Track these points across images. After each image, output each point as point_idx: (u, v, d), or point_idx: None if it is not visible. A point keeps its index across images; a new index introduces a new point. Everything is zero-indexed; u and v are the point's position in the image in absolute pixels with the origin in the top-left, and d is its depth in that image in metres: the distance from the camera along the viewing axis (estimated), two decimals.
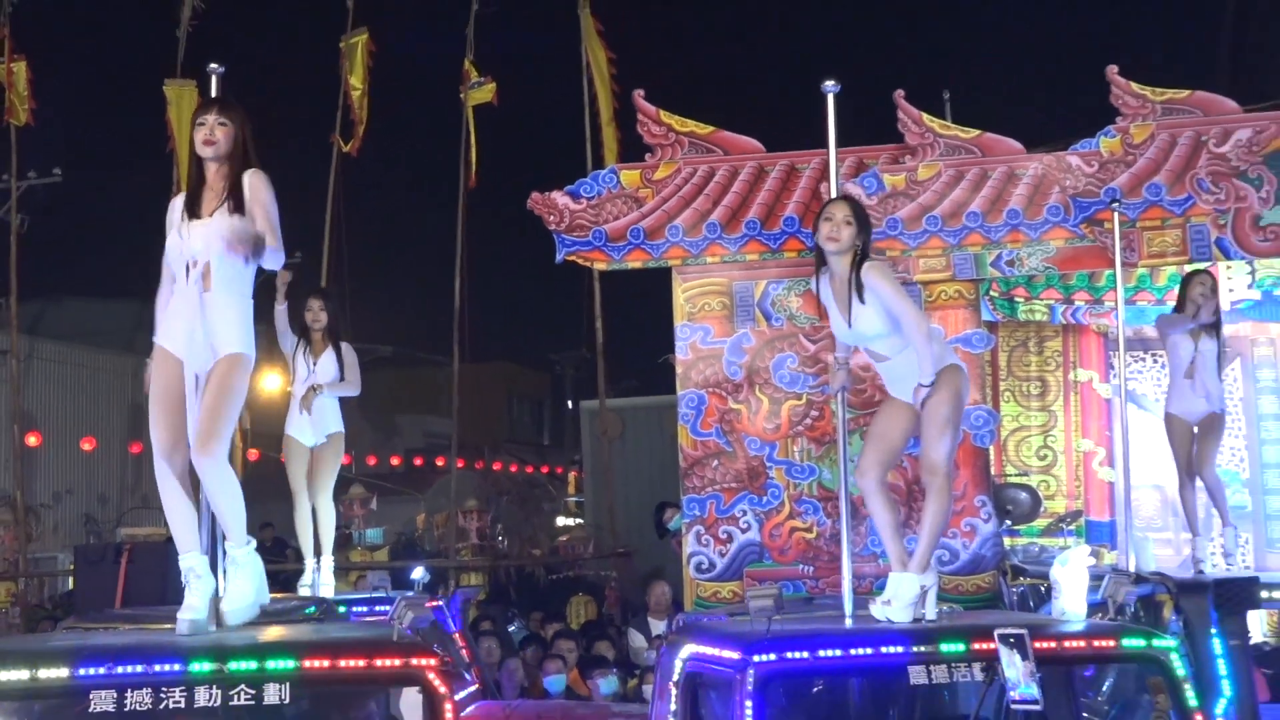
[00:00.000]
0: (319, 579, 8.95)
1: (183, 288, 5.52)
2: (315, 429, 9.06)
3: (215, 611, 5.46)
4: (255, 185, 5.53)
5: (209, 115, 5.60)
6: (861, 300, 6.04)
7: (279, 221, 5.56)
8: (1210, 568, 9.19)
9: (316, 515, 9.08)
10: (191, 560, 5.46)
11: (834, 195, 6.49)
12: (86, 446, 23.23)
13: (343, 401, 9.29)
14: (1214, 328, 9.58)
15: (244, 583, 5.47)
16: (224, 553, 5.60)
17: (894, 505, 6.45)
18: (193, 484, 5.57)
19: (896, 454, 6.45)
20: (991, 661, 5.19)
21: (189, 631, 5.26)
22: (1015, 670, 4.75)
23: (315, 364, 9.10)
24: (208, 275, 5.46)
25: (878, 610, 5.88)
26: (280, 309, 9.30)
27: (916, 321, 6.07)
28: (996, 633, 4.85)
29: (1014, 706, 4.82)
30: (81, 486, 23.93)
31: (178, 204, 5.65)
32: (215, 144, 5.56)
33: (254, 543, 5.63)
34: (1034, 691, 4.73)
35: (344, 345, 9.25)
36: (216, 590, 5.49)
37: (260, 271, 5.64)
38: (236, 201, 5.51)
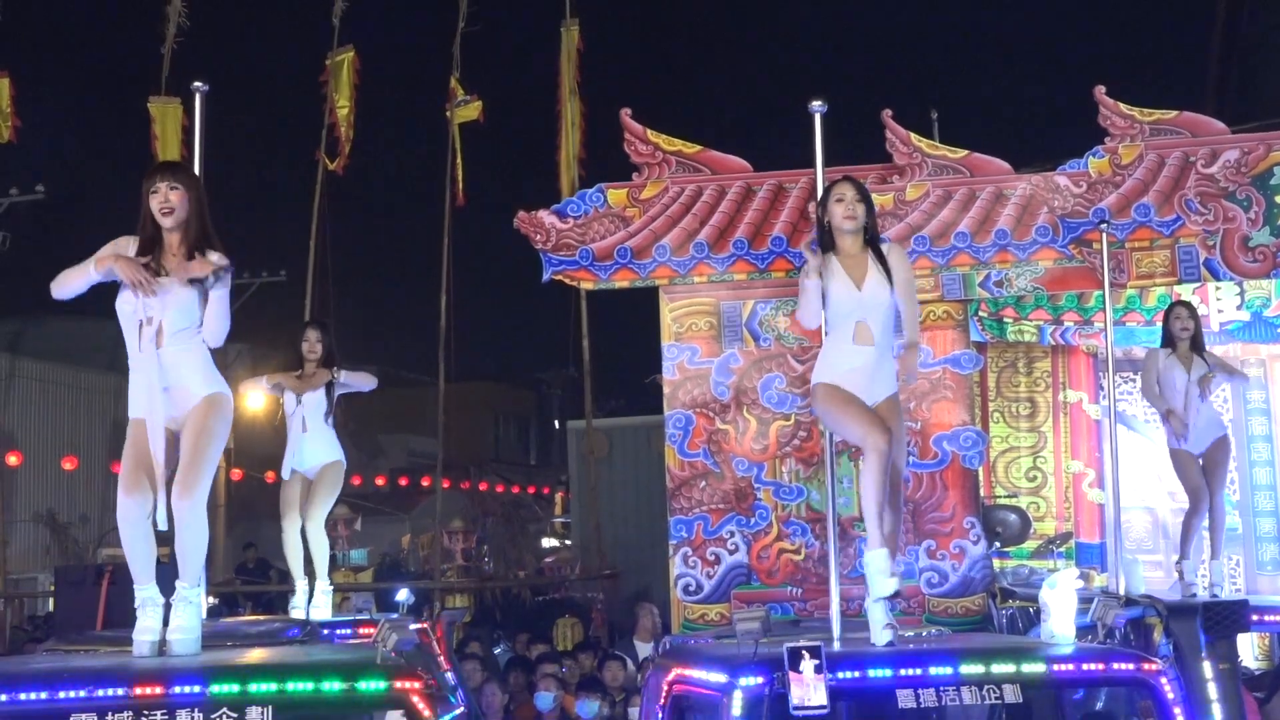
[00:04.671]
0: (313, 603, 8.89)
1: (136, 351, 5.52)
2: (315, 455, 9.01)
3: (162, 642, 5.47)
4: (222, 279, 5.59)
5: (160, 183, 5.56)
6: (883, 272, 6.09)
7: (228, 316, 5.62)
8: (1202, 591, 9.16)
9: (308, 539, 9.03)
10: (148, 592, 5.53)
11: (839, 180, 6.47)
12: (68, 466, 23.16)
13: None
14: (1199, 353, 9.37)
15: (191, 619, 5.47)
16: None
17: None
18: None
19: None
20: (981, 684, 5.19)
21: (147, 653, 5.31)
22: (800, 685, 4.78)
23: (301, 396, 9.05)
24: (161, 334, 5.48)
25: (884, 635, 5.83)
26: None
27: (914, 298, 6.32)
28: (786, 647, 4.89)
29: (795, 712, 4.83)
30: (63, 507, 23.82)
31: (125, 246, 5.59)
32: (172, 211, 5.53)
33: (203, 587, 5.66)
34: (821, 698, 4.78)
35: (337, 370, 9.17)
36: (166, 619, 5.51)
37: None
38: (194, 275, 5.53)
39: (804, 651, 4.84)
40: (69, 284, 5.58)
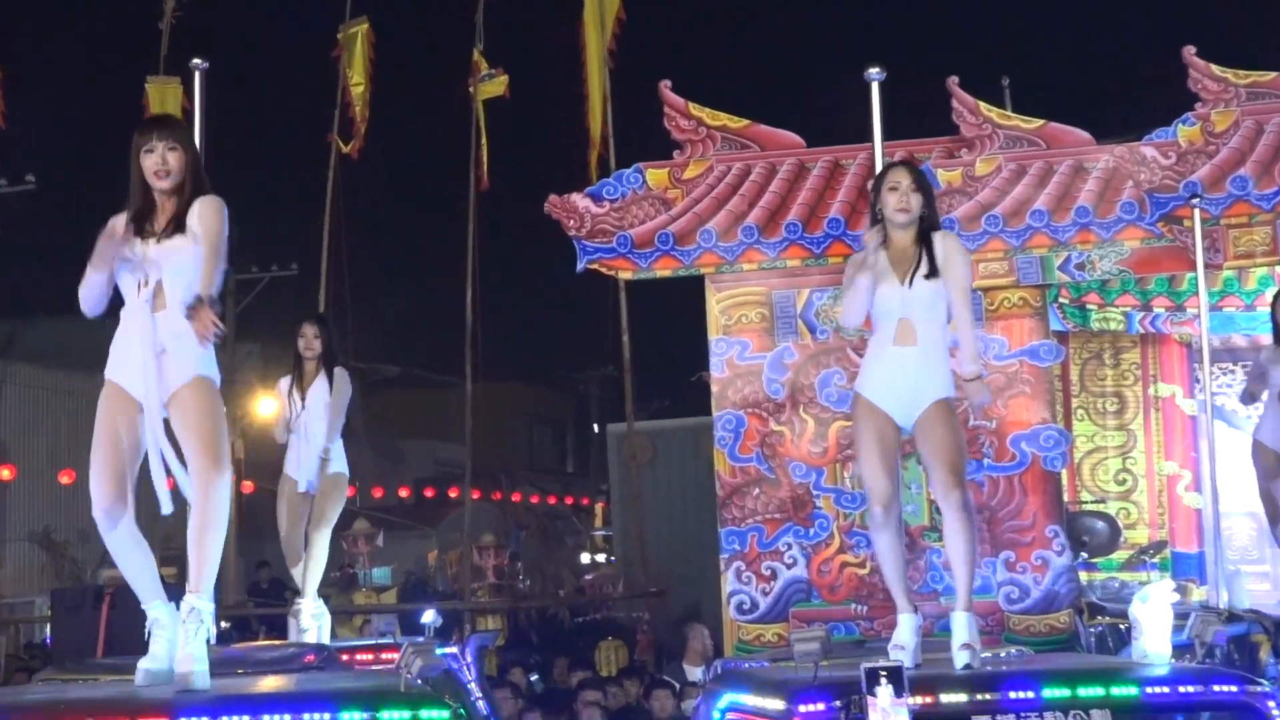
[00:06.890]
0: (299, 623, 8.88)
1: (132, 311, 5.51)
2: (314, 466, 9.03)
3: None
4: (204, 213, 5.49)
5: (157, 142, 5.51)
6: (931, 268, 6.03)
7: (227, 249, 5.53)
8: None
9: (310, 552, 9.07)
10: (157, 610, 5.48)
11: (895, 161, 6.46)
12: (65, 480, 23.32)
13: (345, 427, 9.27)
14: None
15: (201, 643, 5.27)
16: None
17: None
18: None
19: None
20: (1067, 710, 5.16)
21: (147, 682, 5.27)
22: (878, 712, 4.76)
23: (305, 397, 9.10)
24: (160, 295, 5.44)
25: (961, 657, 5.81)
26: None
27: (969, 304, 6.15)
28: (863, 667, 4.85)
29: None
30: (60, 524, 24.02)
31: (117, 226, 5.56)
32: (169, 174, 5.50)
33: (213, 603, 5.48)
34: None
35: (337, 370, 9.19)
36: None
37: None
38: (179, 224, 5.48)
39: (882, 673, 4.82)
40: (86, 293, 5.60)
